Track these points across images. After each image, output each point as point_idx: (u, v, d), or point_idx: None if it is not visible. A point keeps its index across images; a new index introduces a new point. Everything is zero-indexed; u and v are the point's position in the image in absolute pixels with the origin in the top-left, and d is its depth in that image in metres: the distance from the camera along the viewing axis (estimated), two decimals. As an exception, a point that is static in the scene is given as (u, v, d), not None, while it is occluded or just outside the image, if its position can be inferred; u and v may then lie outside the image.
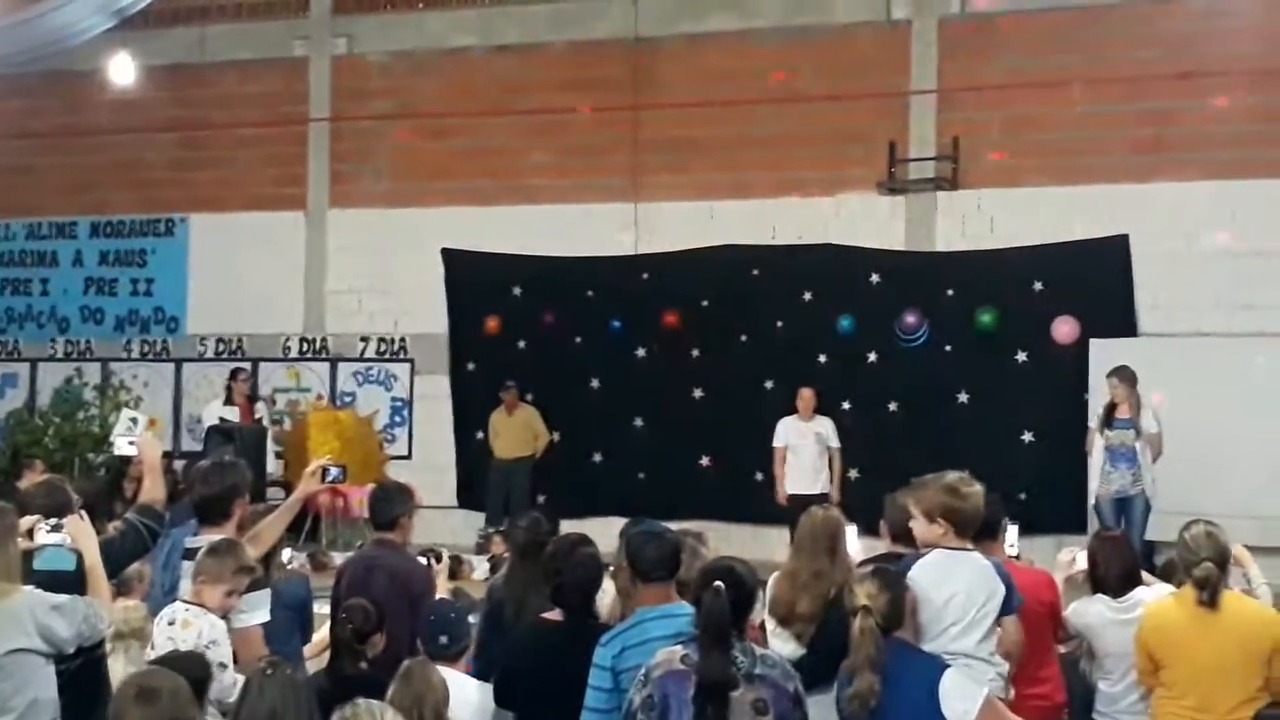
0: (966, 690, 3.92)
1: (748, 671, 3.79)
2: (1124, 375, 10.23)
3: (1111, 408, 10.25)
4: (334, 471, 5.76)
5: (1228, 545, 4.87)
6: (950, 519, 4.57)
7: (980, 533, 4.83)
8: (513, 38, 13.88)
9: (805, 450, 11.65)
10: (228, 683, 4.48)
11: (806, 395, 11.76)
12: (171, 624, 4.71)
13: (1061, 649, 5.65)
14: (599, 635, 4.36)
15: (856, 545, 5.76)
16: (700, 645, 3.83)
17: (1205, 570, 4.66)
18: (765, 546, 10.54)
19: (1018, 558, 5.96)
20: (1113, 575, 5.30)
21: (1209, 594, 4.66)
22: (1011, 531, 5.76)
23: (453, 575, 10.23)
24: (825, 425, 11.75)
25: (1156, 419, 10.15)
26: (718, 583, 3.88)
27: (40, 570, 4.36)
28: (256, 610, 4.94)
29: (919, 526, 4.63)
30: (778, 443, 11.73)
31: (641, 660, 4.05)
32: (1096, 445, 10.35)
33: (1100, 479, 10.29)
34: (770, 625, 5.29)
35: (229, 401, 13.19)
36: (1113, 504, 10.17)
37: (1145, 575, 5.64)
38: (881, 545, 5.58)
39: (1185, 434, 10.23)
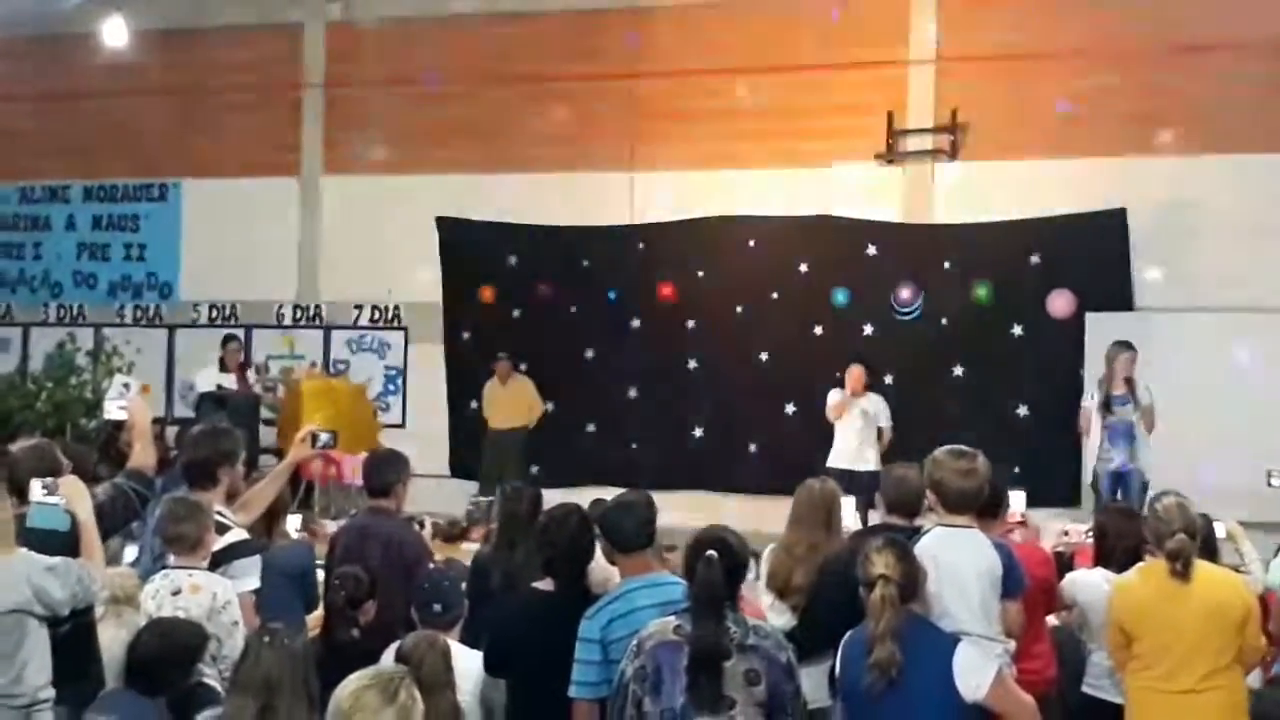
0: (979, 665, 3.91)
1: (740, 642, 3.78)
2: (1130, 348, 10.00)
3: (1109, 386, 10.02)
4: (324, 436, 5.79)
5: (1198, 516, 4.84)
6: (935, 492, 4.58)
7: (981, 509, 4.81)
8: (509, 5, 13.75)
9: (849, 426, 11.09)
10: (240, 642, 4.48)
11: (854, 372, 11.22)
12: (176, 593, 4.67)
13: (1053, 620, 5.66)
14: (590, 605, 4.34)
15: (852, 518, 5.77)
16: (693, 615, 3.81)
17: (1179, 542, 4.62)
18: (757, 517, 10.52)
19: (1024, 524, 5.99)
20: (1122, 549, 5.29)
21: (1182, 565, 4.63)
22: (1019, 498, 5.77)
23: (450, 539, 10.27)
24: (874, 403, 11.24)
25: (1149, 391, 9.98)
26: (710, 552, 3.86)
27: (33, 528, 4.30)
28: (247, 577, 4.93)
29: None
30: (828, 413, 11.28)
31: (629, 631, 4.04)
32: (1095, 425, 10.07)
33: (1098, 458, 10.05)
34: (768, 599, 5.29)
35: (223, 369, 13.15)
36: (1110, 477, 10.00)
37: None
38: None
39: (1181, 409, 10.16)
